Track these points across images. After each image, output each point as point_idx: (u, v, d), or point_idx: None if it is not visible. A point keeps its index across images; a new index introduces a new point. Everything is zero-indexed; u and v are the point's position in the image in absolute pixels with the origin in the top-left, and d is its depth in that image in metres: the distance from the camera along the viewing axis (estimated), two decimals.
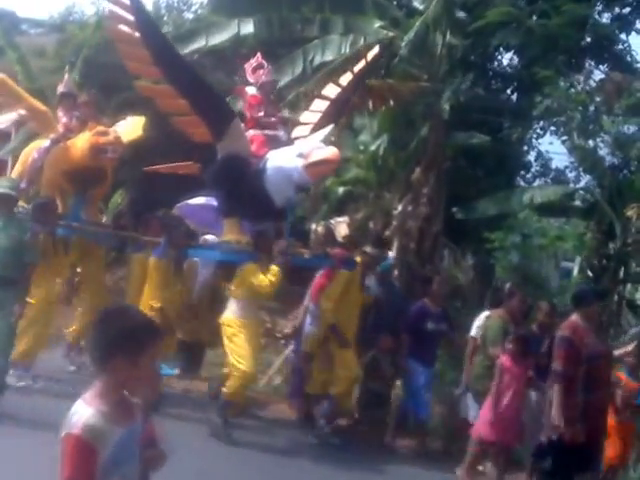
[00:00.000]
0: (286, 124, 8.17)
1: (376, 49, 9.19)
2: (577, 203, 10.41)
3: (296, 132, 8.18)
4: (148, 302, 7.46)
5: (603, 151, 10.06)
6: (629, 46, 11.64)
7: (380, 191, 11.30)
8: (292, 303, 10.74)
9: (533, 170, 11.77)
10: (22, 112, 9.09)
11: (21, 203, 8.38)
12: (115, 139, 8.05)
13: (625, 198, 9.66)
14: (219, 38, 11.27)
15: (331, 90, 8.62)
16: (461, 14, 11.13)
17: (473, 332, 7.48)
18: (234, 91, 9.08)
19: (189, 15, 15.52)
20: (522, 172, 12.17)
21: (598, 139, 10.02)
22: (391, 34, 11.10)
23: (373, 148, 11.28)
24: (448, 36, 10.93)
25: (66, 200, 8.48)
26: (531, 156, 11.47)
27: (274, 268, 6.98)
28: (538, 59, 10.77)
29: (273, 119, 8.02)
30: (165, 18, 14.95)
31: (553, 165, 11.30)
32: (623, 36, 11.56)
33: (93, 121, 8.42)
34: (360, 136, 11.58)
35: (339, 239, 9.80)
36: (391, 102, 10.10)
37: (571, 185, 10.92)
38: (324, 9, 11.64)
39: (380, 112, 10.97)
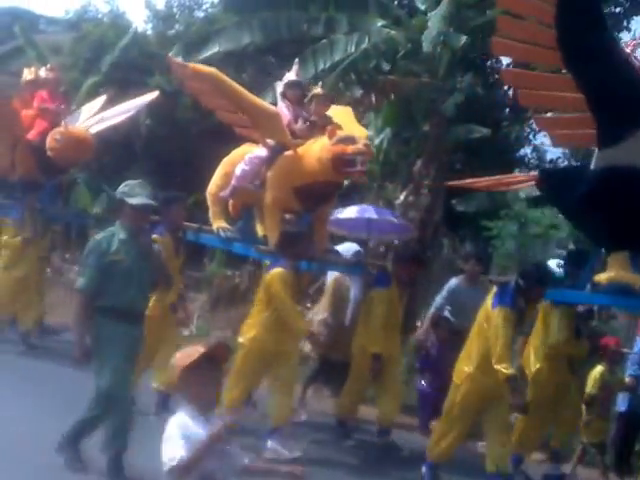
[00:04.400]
0: None
1: None
2: None
3: None
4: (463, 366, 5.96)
5: None
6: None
7: (383, 182, 11.79)
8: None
9: (529, 162, 12.25)
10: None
11: (222, 225, 7.16)
12: (365, 147, 6.38)
13: None
14: (232, 44, 11.55)
15: None
16: (470, 13, 11.51)
17: None
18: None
19: (200, 13, 16.00)
20: (519, 165, 12.64)
21: None
22: (393, 33, 11.55)
23: (377, 142, 11.74)
24: (450, 34, 11.38)
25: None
26: (527, 149, 11.93)
27: None
28: None
29: None
30: (177, 16, 15.48)
31: (547, 157, 11.79)
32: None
33: (331, 123, 6.66)
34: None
35: None
36: (392, 97, 10.58)
37: None
38: (329, 8, 12.06)
39: (383, 108, 11.47)
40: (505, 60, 12.65)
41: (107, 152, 14.61)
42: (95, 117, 9.32)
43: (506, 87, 12.60)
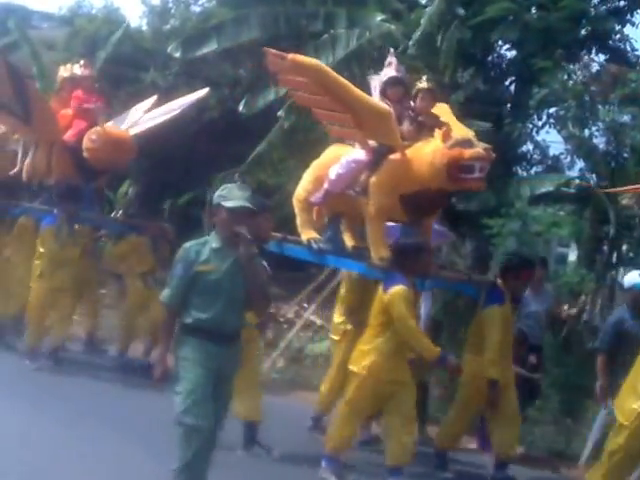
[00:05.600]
0: None
1: None
2: (572, 190, 10.71)
3: None
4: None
5: (598, 139, 10.38)
6: (626, 37, 11.89)
7: None
8: (294, 289, 11.30)
9: (531, 159, 12.10)
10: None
11: (313, 235, 6.55)
12: (486, 152, 5.71)
13: (618, 185, 9.92)
14: (230, 40, 11.35)
15: None
16: (461, 11, 11.37)
17: None
18: None
19: (196, 8, 15.86)
20: (521, 162, 12.46)
21: (593, 128, 10.33)
22: (393, 27, 11.39)
23: None
24: (452, 30, 11.22)
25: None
26: (529, 146, 11.77)
27: None
28: (537, 52, 11.05)
29: None
30: (172, 11, 15.33)
31: (550, 153, 11.63)
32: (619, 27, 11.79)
33: (440, 122, 6.00)
34: None
35: None
36: None
37: (567, 173, 11.22)
38: (327, 2, 11.94)
39: None
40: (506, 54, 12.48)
41: None
42: (142, 118, 8.91)
43: (507, 83, 12.46)
